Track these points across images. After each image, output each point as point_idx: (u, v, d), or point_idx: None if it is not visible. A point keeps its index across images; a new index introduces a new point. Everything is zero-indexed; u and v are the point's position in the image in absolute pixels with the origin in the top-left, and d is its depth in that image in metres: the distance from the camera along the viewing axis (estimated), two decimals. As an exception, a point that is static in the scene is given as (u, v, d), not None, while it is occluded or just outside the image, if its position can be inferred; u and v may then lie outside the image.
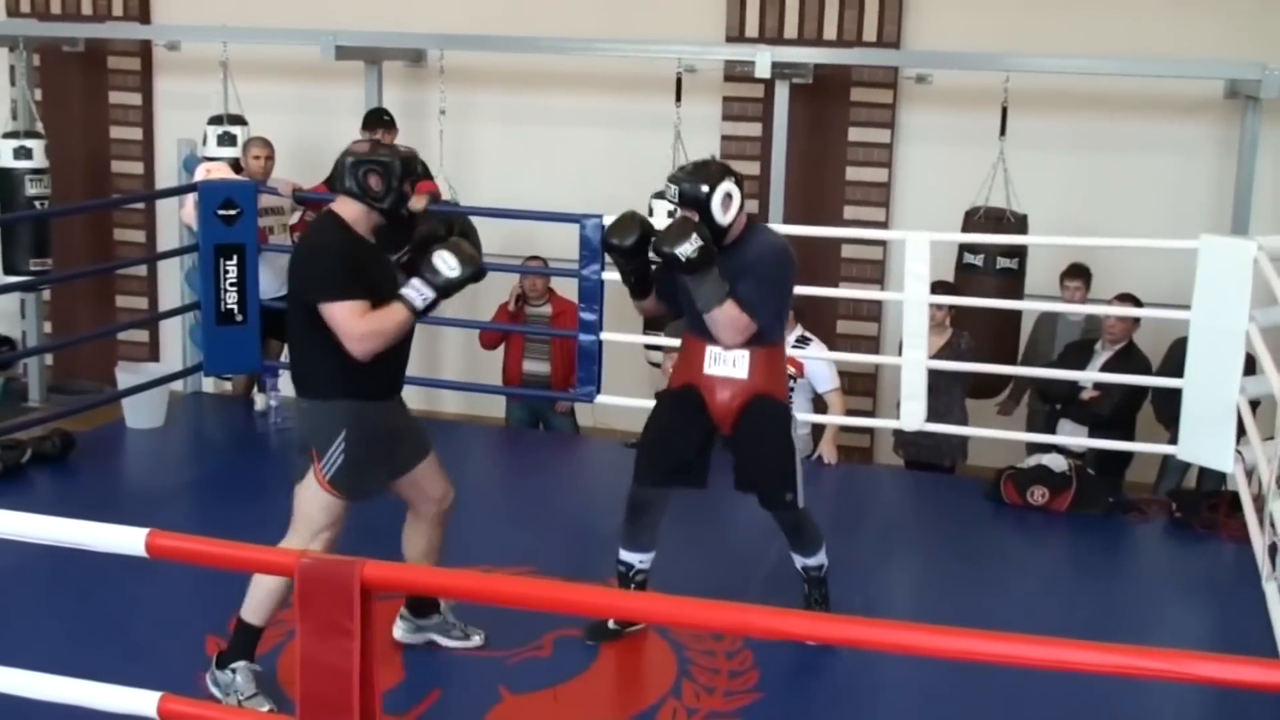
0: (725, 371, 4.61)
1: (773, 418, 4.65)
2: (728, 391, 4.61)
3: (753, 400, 4.60)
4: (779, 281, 4.62)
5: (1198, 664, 2.14)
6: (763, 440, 4.65)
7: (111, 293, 9.97)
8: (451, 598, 4.61)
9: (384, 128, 7.60)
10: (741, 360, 4.58)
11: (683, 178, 4.56)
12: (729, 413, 4.63)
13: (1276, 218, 7.73)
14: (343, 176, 4.16)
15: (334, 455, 4.18)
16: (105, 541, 2.71)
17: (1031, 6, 8.18)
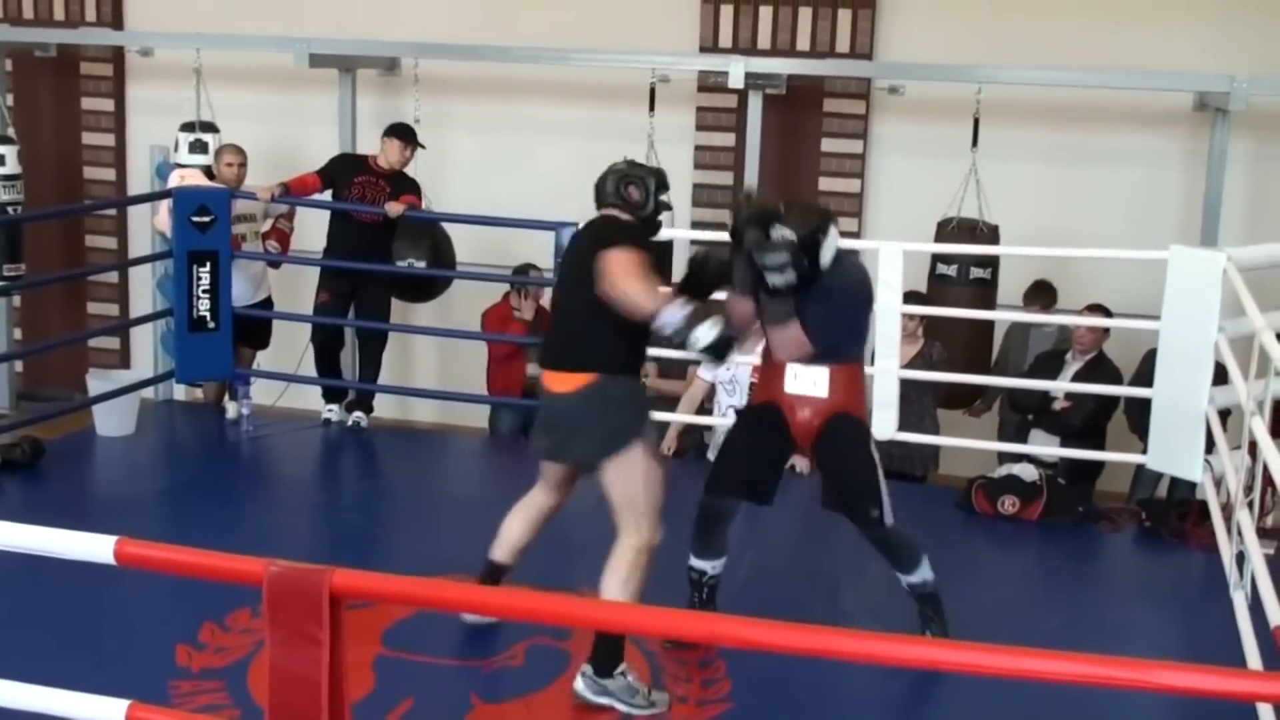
0: (805, 390, 4.64)
1: (853, 435, 4.68)
2: (808, 410, 4.64)
3: (832, 418, 4.63)
4: (849, 312, 4.67)
5: (1166, 673, 2.16)
6: (845, 458, 4.67)
7: (83, 299, 9.92)
8: (425, 607, 4.60)
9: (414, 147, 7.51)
10: (821, 379, 4.61)
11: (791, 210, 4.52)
12: (810, 431, 4.66)
13: (1245, 229, 7.78)
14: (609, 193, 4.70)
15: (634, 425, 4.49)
16: (74, 549, 2.69)
17: (1003, 19, 8.22)
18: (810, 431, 4.66)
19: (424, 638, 4.68)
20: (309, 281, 7.81)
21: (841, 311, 4.62)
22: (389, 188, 7.34)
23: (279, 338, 7.92)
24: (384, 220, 7.30)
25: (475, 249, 8.04)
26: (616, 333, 4.29)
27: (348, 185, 7.37)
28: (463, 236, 7.86)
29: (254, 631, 4.64)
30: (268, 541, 5.42)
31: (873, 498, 4.61)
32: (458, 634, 4.64)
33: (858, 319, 4.76)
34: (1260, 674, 3.43)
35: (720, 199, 8.65)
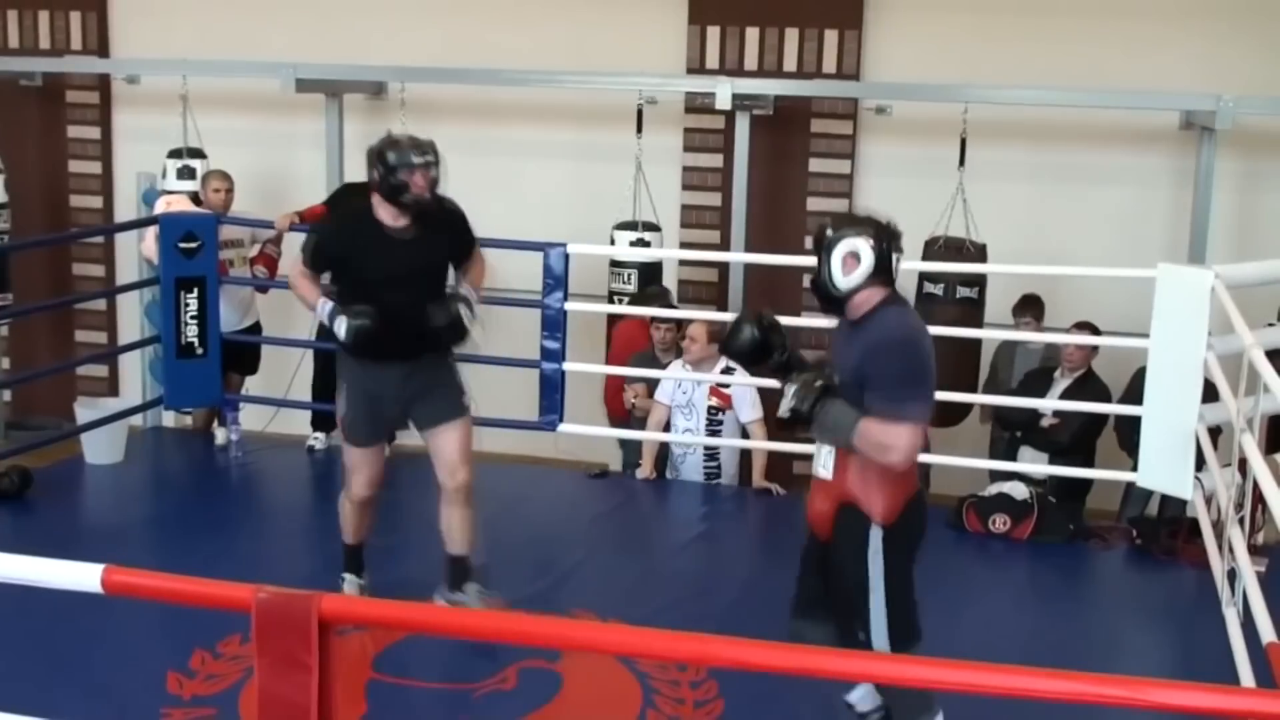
0: (819, 472, 3.97)
1: (842, 535, 3.92)
2: (818, 496, 3.98)
3: (838, 510, 3.92)
4: (909, 368, 3.81)
5: (1159, 691, 2.15)
6: (835, 557, 3.96)
7: (70, 327, 9.90)
8: (415, 632, 4.58)
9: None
10: (829, 460, 3.93)
11: (827, 221, 3.99)
12: (820, 521, 3.98)
13: (1233, 247, 7.81)
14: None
15: (341, 403, 5.03)
16: (62, 578, 2.68)
17: (989, 39, 8.25)
18: (822, 522, 3.98)
19: (415, 662, 4.67)
20: (297, 307, 7.79)
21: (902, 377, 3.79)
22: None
23: (267, 363, 7.91)
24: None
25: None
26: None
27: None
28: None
29: (245, 658, 4.62)
30: (257, 568, 5.40)
31: (857, 617, 3.89)
32: (449, 658, 4.62)
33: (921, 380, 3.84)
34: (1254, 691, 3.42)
35: (708, 219, 8.66)
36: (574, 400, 7.06)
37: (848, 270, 3.83)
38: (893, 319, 3.85)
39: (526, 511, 6.65)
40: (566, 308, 6.84)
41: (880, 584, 3.86)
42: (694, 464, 6.92)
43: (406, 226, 4.82)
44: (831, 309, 3.94)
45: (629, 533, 6.51)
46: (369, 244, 4.81)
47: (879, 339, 3.80)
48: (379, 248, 4.81)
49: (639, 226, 7.79)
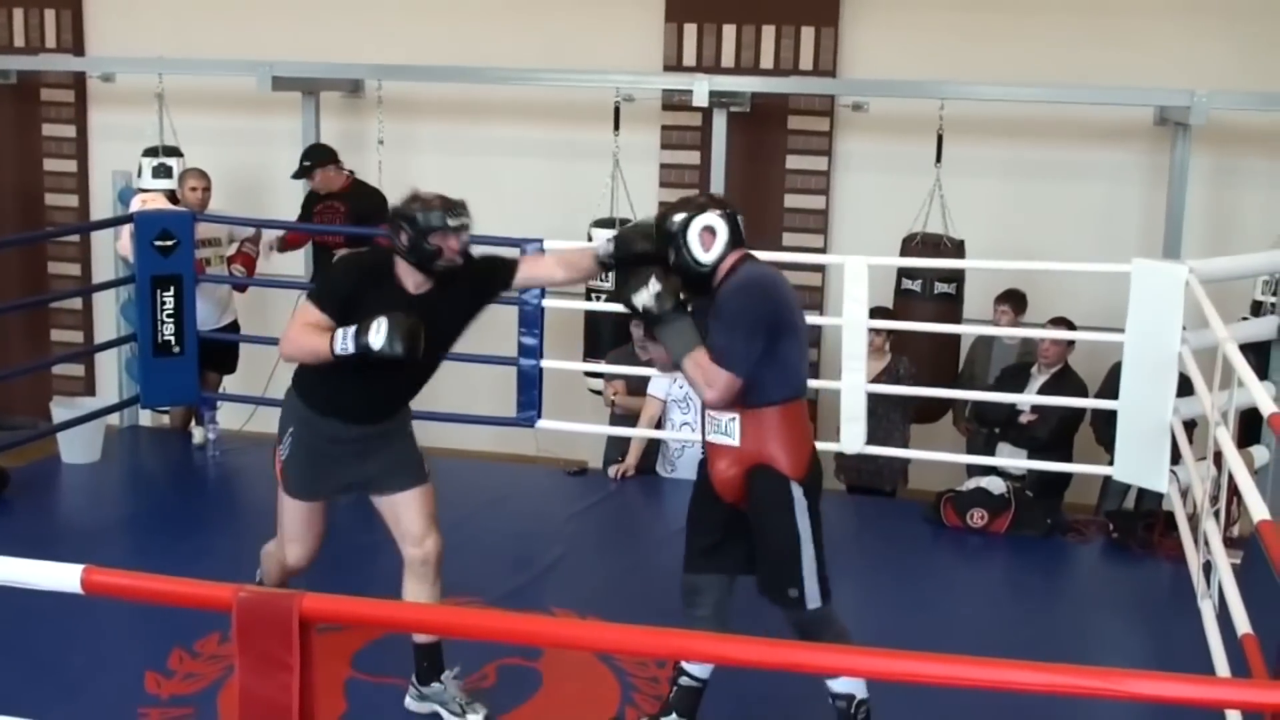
0: (718, 438, 4.02)
1: (763, 495, 3.99)
2: (722, 460, 4.04)
3: (750, 471, 3.99)
4: (746, 320, 3.88)
5: (1134, 681, 2.16)
6: (756, 520, 4.03)
7: (46, 326, 9.86)
8: (396, 629, 4.58)
9: (306, 175, 7.67)
10: (732, 425, 3.98)
11: (663, 210, 4.08)
12: (727, 484, 4.05)
13: (1207, 241, 7.86)
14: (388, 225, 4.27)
15: (285, 447, 4.35)
16: (40, 579, 2.67)
17: (966, 35, 8.28)
18: (729, 485, 4.04)
19: (395, 660, 4.66)
20: (275, 305, 7.79)
21: (734, 324, 3.89)
22: (344, 206, 7.51)
23: (245, 361, 7.89)
24: (345, 241, 7.39)
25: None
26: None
27: (309, 216, 7.69)
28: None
29: (223, 657, 4.62)
30: (237, 566, 5.38)
31: (788, 575, 3.95)
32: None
33: (755, 331, 3.88)
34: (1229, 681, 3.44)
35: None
36: (552, 396, 7.06)
37: (707, 245, 3.96)
38: (743, 271, 3.99)
39: (505, 509, 6.65)
40: (544, 304, 6.84)
41: (809, 537, 4.00)
42: (691, 458, 6.92)
43: (429, 290, 4.22)
44: (701, 289, 4.01)
45: (608, 530, 6.51)
46: (382, 300, 4.11)
47: (733, 285, 3.95)
48: (391, 304, 4.12)
49: (616, 224, 7.79)
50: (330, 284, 4.34)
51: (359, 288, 4.17)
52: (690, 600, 4.17)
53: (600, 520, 6.54)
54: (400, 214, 4.16)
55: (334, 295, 4.18)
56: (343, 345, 4.02)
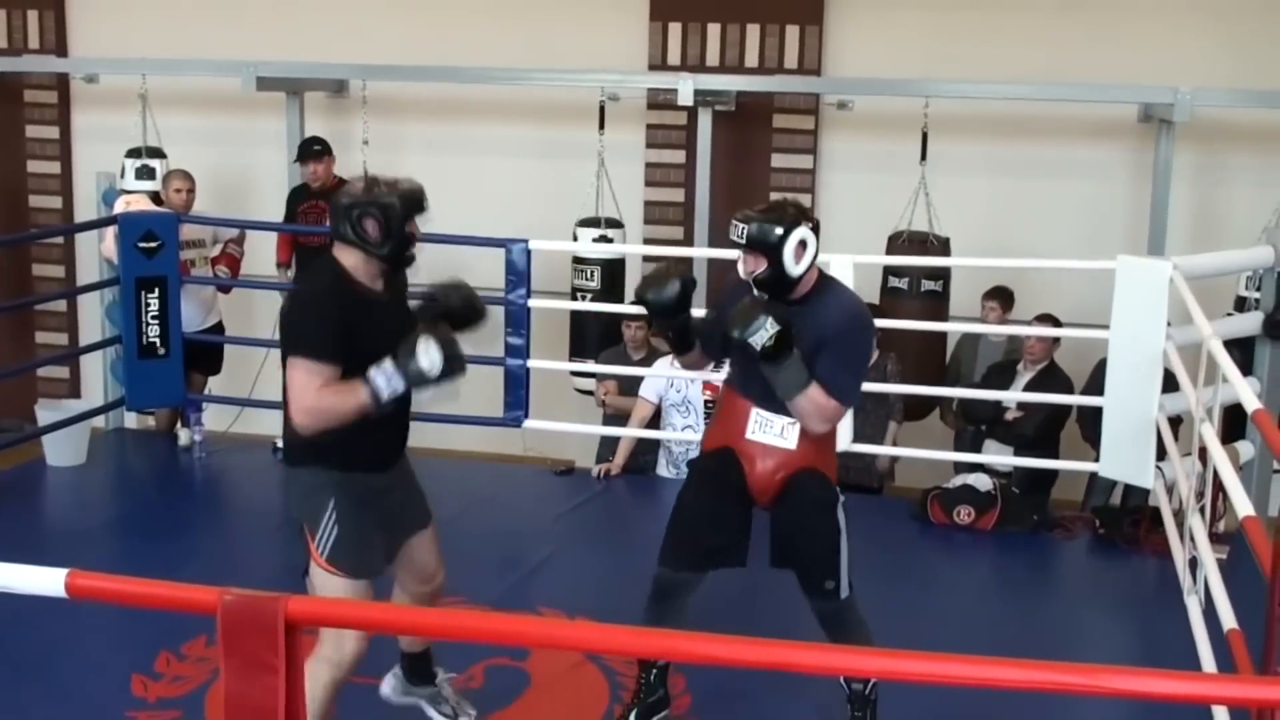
0: (770, 440, 4.10)
1: (819, 496, 4.14)
2: (770, 461, 4.11)
3: (797, 474, 4.11)
4: (865, 357, 4.21)
5: (1120, 678, 2.17)
6: (806, 519, 4.15)
7: (30, 329, 9.83)
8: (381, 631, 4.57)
9: (314, 159, 7.60)
10: (791, 430, 4.08)
11: (753, 217, 4.02)
12: (770, 485, 4.14)
13: (1191, 238, 7.88)
14: (338, 222, 3.75)
15: (327, 530, 3.74)
16: (24, 583, 2.66)
17: (950, 34, 8.29)
18: (771, 486, 4.14)
19: (381, 662, 4.65)
20: (260, 306, 7.77)
21: (854, 359, 4.11)
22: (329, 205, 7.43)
23: (231, 363, 7.87)
24: (330, 240, 7.35)
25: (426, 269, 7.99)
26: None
27: (295, 216, 7.68)
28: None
29: (210, 660, 4.60)
30: (223, 569, 5.38)
31: (830, 569, 4.12)
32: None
33: (867, 365, 4.22)
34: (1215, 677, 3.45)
35: (671, 215, 8.67)
36: (538, 396, 7.05)
37: (798, 258, 3.99)
38: (849, 298, 4.19)
39: (492, 509, 6.64)
40: (530, 304, 6.83)
41: (845, 537, 4.15)
42: None
43: (383, 289, 3.85)
44: (781, 296, 4.04)
45: (595, 529, 6.51)
46: (361, 316, 3.71)
47: (846, 315, 4.08)
48: (369, 318, 3.73)
49: (602, 223, 7.80)
50: (314, 328, 3.65)
51: (343, 316, 3.67)
52: (669, 595, 4.23)
53: (588, 520, 6.54)
54: (370, 203, 3.73)
55: (327, 338, 3.62)
56: (390, 388, 3.59)
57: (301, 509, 3.85)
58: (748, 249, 4.01)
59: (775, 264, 3.98)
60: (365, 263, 3.76)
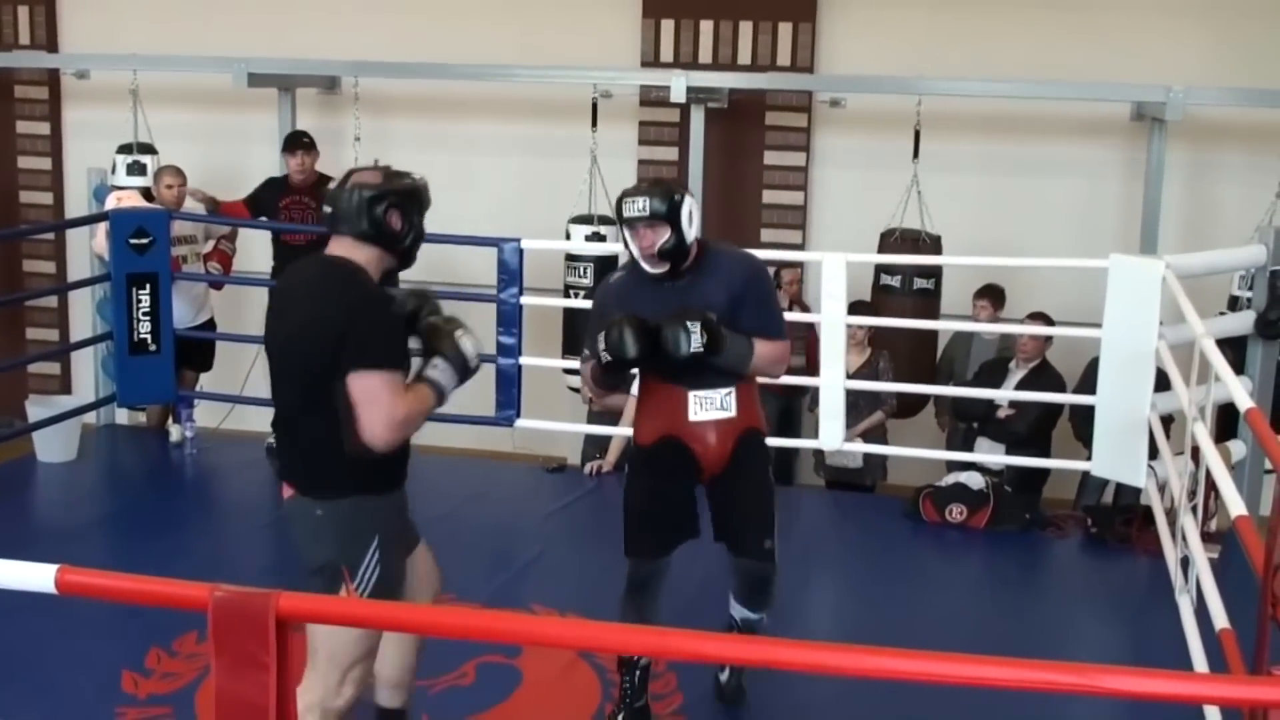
0: (714, 415, 4.18)
1: (763, 456, 4.30)
2: (718, 434, 4.19)
3: (744, 436, 4.23)
4: (775, 292, 4.42)
5: (1112, 678, 2.16)
6: (754, 484, 4.26)
7: (21, 324, 9.80)
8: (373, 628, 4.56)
9: (303, 150, 7.53)
10: (729, 399, 4.18)
11: (648, 191, 4.08)
12: (722, 456, 4.22)
13: (1183, 237, 7.88)
14: (354, 216, 3.43)
15: (369, 568, 3.44)
16: (13, 579, 2.65)
17: (942, 31, 8.29)
18: (723, 456, 4.21)
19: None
20: (251, 302, 7.76)
21: (772, 298, 4.29)
22: (315, 201, 7.36)
23: (222, 359, 7.86)
24: (316, 239, 7.33)
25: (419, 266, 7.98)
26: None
27: (275, 210, 7.45)
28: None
29: (201, 656, 4.59)
30: (214, 565, 5.37)
31: (770, 528, 4.23)
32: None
33: (775, 292, 4.41)
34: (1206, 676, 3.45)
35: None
36: (530, 393, 7.04)
37: (691, 224, 4.07)
38: (737, 252, 4.34)
39: (484, 506, 6.63)
40: (522, 302, 6.82)
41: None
42: None
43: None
44: (678, 265, 4.11)
45: (587, 527, 6.50)
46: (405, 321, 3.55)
47: (744, 265, 4.24)
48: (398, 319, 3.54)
49: (594, 220, 7.78)
50: (383, 336, 3.37)
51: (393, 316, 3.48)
52: (646, 585, 4.28)
53: (579, 517, 6.53)
54: (395, 193, 3.49)
55: (396, 345, 3.43)
56: (450, 386, 3.50)
57: (338, 550, 3.44)
58: (649, 222, 4.04)
59: (676, 231, 4.04)
60: (379, 260, 3.48)
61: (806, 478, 7.99)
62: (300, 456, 3.46)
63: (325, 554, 3.44)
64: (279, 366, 3.52)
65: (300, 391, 3.41)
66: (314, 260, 3.54)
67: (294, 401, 3.44)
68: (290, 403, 3.47)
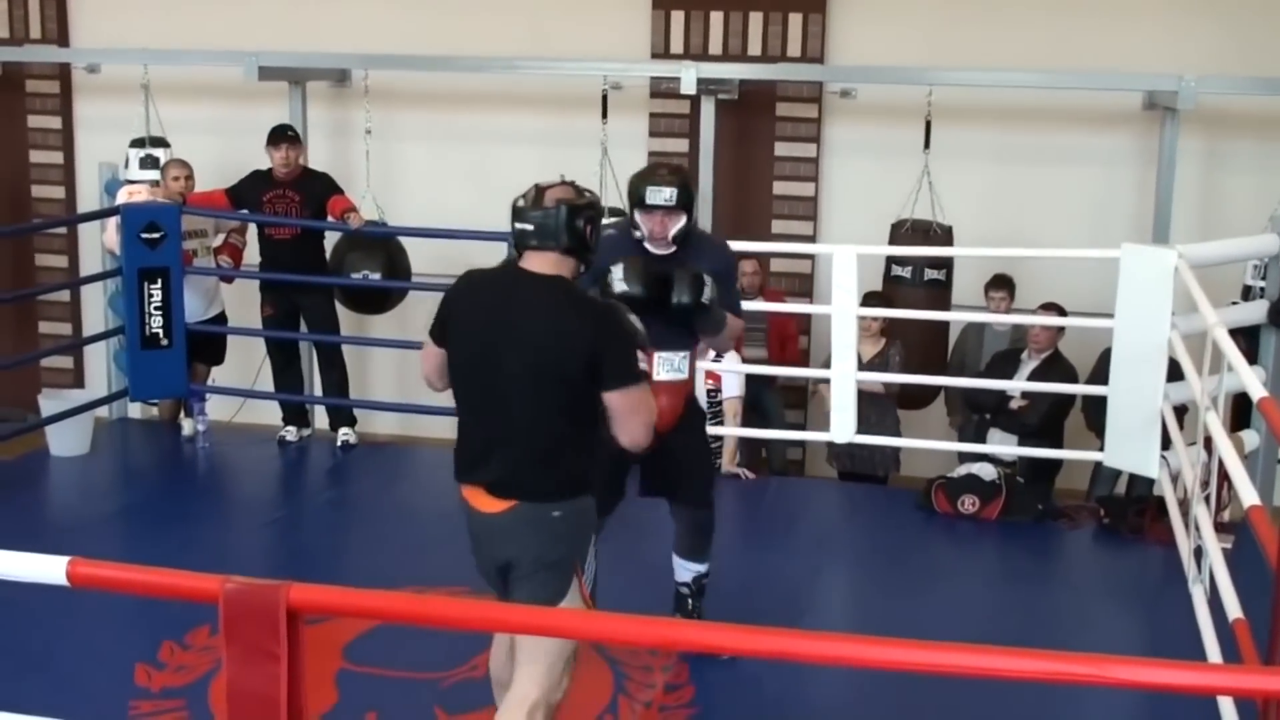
0: (673, 375, 4.47)
1: (701, 416, 4.79)
2: (672, 394, 4.45)
3: (689, 398, 4.63)
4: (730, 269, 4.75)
5: (1124, 668, 2.16)
6: (700, 441, 4.75)
7: (34, 319, 9.82)
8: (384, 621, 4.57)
9: (288, 143, 7.48)
10: (684, 361, 4.52)
11: (672, 179, 4.43)
12: (673, 415, 4.45)
13: (1196, 226, 7.85)
14: (559, 231, 3.55)
15: (591, 560, 3.67)
16: (26, 571, 2.66)
17: (953, 21, 8.26)
18: (675, 415, 4.47)
19: (385, 651, 4.66)
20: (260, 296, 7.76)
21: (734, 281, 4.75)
22: (298, 195, 7.33)
23: (233, 353, 7.87)
24: (302, 233, 7.34)
25: (430, 259, 8.00)
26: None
27: (257, 203, 7.40)
28: (417, 246, 7.85)
29: (214, 649, 4.60)
30: (225, 558, 5.38)
31: (711, 479, 4.83)
32: (418, 647, 4.61)
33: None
34: (1220, 667, 3.45)
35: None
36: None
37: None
38: (716, 238, 5.08)
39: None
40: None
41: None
42: None
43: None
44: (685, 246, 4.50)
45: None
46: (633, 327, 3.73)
47: (723, 251, 4.73)
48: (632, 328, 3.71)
49: (605, 212, 7.76)
50: (633, 348, 3.55)
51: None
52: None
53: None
54: (591, 207, 3.67)
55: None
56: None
57: (571, 547, 3.58)
58: (670, 210, 4.40)
59: (689, 219, 4.45)
60: (574, 271, 3.62)
61: (820, 469, 7.98)
62: (538, 463, 3.53)
63: (560, 551, 3.56)
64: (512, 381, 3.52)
65: (545, 403, 3.50)
66: (527, 276, 3.61)
67: (533, 412, 3.51)
68: (527, 414, 3.51)
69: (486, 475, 3.56)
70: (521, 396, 3.50)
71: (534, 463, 3.53)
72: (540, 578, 3.54)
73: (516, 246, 3.64)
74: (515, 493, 3.53)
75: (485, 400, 3.57)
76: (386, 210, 7.98)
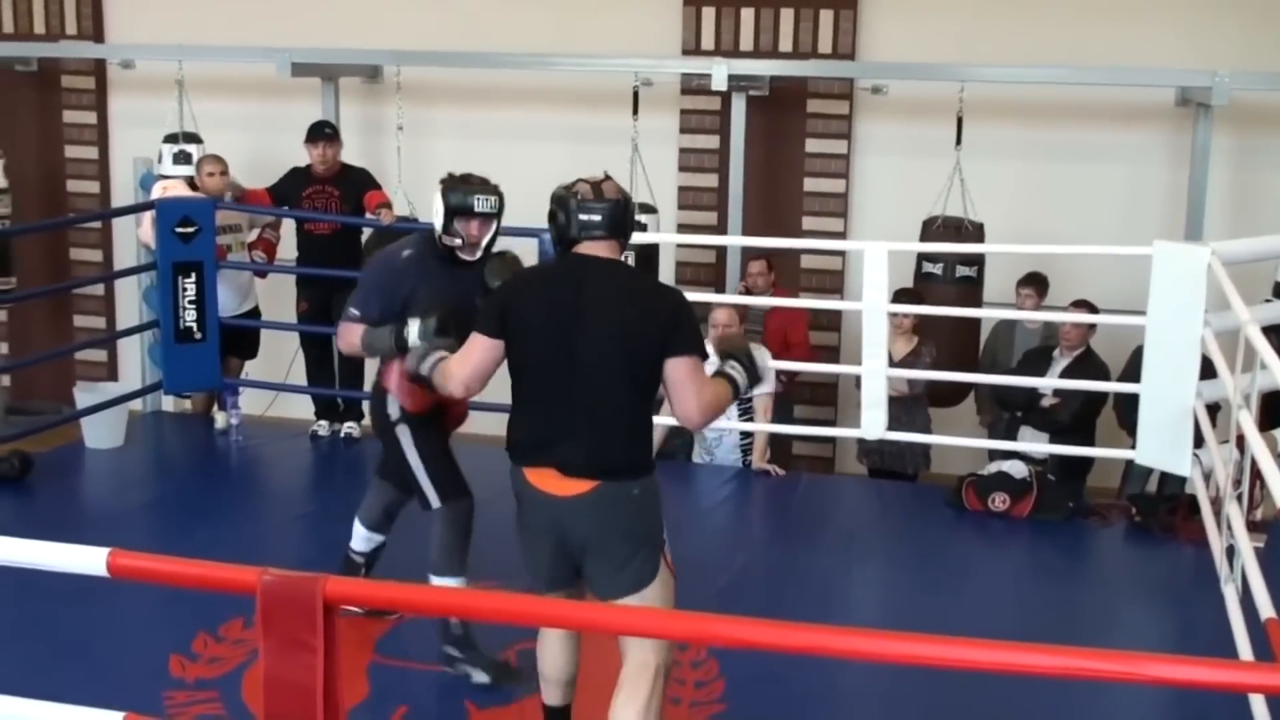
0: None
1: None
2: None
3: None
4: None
5: (1155, 665, 2.16)
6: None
7: (69, 312, 9.90)
8: (417, 614, 4.60)
9: (326, 140, 7.52)
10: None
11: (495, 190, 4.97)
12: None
13: (1229, 223, 7.81)
14: (626, 223, 3.83)
15: (666, 535, 3.78)
16: (66, 562, 2.69)
17: (985, 17, 8.24)
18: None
19: (416, 644, 4.68)
20: (295, 291, 7.80)
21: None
22: (338, 191, 7.38)
23: (266, 347, 7.91)
24: (341, 228, 7.37)
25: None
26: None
27: (297, 200, 7.46)
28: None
29: (247, 641, 4.64)
30: (259, 551, 5.41)
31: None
32: (450, 640, 4.63)
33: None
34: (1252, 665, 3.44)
35: (705, 201, 8.66)
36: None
37: None
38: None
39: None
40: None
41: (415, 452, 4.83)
42: (729, 445, 6.95)
43: None
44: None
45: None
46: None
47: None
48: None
49: (636, 208, 7.78)
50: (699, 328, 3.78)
51: None
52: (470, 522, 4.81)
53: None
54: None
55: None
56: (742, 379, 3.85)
57: (652, 523, 3.72)
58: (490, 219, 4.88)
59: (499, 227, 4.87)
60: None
61: (850, 466, 7.98)
62: (619, 443, 3.64)
63: (645, 527, 3.70)
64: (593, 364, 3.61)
65: (627, 383, 3.61)
66: (596, 263, 3.73)
67: (613, 392, 3.62)
68: (609, 396, 3.62)
69: (559, 458, 3.63)
70: (603, 377, 3.61)
71: (613, 443, 3.63)
72: (639, 554, 3.67)
73: (571, 238, 3.75)
74: (595, 473, 3.60)
75: (560, 385, 3.64)
76: (418, 206, 8.01)
